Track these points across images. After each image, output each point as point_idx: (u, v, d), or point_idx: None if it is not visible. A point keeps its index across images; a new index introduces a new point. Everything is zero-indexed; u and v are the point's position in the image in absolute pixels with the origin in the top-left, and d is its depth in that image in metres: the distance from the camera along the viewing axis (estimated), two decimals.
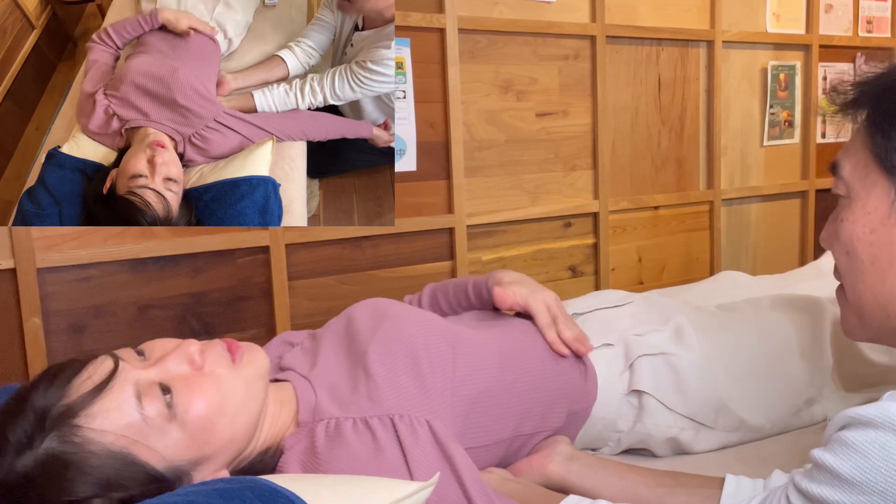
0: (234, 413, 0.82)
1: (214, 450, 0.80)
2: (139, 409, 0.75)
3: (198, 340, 0.85)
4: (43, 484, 0.71)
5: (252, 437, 0.86)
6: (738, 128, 2.23)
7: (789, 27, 2.29)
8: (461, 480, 0.85)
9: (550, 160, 1.89)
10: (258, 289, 1.54)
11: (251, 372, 0.86)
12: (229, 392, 0.82)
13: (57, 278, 1.36)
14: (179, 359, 0.81)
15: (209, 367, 0.82)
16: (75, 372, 0.77)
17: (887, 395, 0.65)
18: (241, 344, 0.88)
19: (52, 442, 0.71)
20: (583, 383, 1.09)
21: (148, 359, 0.82)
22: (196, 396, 0.79)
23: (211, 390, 0.80)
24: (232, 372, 0.83)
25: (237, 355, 0.85)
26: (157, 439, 0.76)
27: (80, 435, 0.72)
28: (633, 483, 0.95)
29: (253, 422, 0.85)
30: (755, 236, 2.30)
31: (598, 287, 1.99)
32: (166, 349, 0.83)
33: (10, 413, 0.74)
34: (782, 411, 1.16)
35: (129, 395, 0.76)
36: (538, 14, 1.83)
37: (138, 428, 0.75)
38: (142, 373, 0.78)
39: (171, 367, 0.80)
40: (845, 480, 0.63)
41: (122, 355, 0.81)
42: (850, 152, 0.80)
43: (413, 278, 1.71)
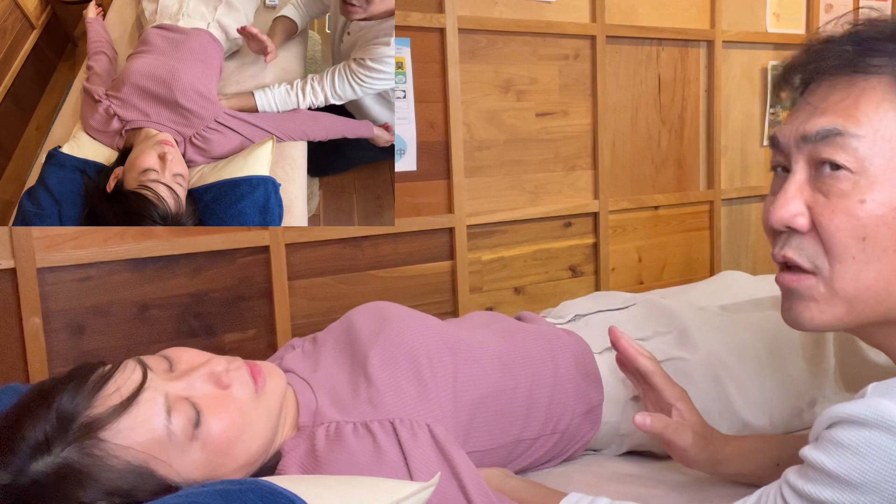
0: (252, 439, 0.82)
1: (227, 472, 0.80)
2: (167, 423, 0.75)
3: (222, 358, 0.84)
4: (54, 491, 0.70)
5: (262, 458, 0.86)
6: (738, 128, 2.23)
7: (789, 27, 2.29)
8: (462, 483, 0.85)
9: (550, 160, 1.89)
10: (258, 289, 1.54)
11: (272, 401, 0.86)
12: (251, 418, 0.82)
13: (57, 278, 1.35)
14: (206, 377, 0.81)
15: (234, 391, 0.82)
16: (104, 380, 0.75)
17: (871, 387, 0.64)
18: (263, 367, 0.87)
19: (72, 452, 0.70)
20: (587, 388, 1.09)
21: (174, 368, 0.81)
22: (220, 419, 0.78)
23: (235, 414, 0.80)
24: (255, 400, 0.83)
25: (259, 383, 0.85)
26: (178, 456, 0.75)
27: (103, 449, 0.71)
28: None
29: (267, 447, 0.85)
30: (755, 236, 2.30)
31: (598, 287, 1.99)
32: (192, 363, 0.82)
33: (31, 411, 0.72)
34: (785, 412, 1.16)
35: (159, 407, 0.75)
36: (538, 14, 1.83)
37: (161, 443, 0.74)
38: (170, 385, 0.78)
39: (198, 385, 0.80)
40: (843, 481, 0.63)
41: (150, 364, 0.80)
42: (861, 118, 0.68)
43: (413, 278, 1.71)
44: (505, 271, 1.84)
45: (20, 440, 0.70)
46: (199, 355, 0.84)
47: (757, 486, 0.77)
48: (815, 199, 0.70)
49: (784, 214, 0.71)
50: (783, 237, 0.73)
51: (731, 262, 2.24)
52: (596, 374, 1.10)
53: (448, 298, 1.76)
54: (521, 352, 1.06)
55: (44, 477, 0.69)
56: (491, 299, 1.83)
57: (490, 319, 1.16)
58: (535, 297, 1.89)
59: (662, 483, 1.04)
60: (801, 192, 0.71)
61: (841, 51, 0.71)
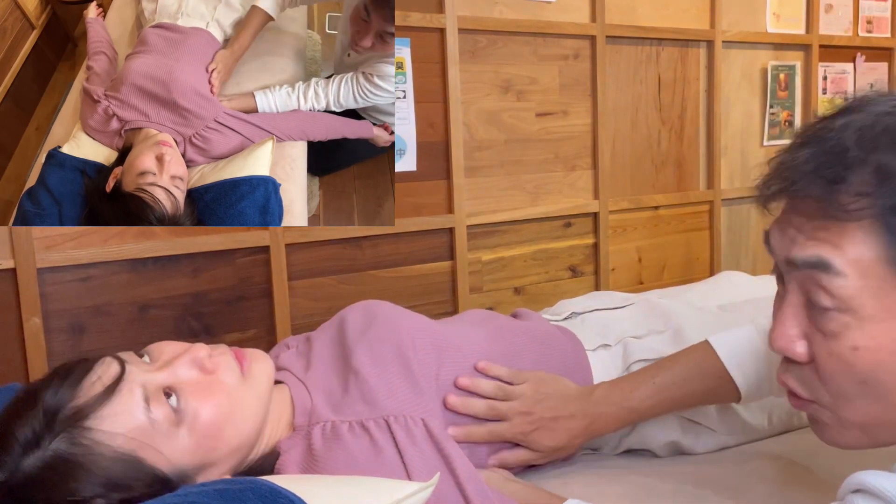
0: (242, 421, 0.82)
1: (220, 456, 0.80)
2: (147, 413, 0.75)
3: (204, 344, 0.85)
4: (49, 484, 0.70)
5: (256, 443, 0.86)
6: (738, 128, 2.23)
7: (789, 27, 2.29)
8: (458, 478, 0.85)
9: (550, 160, 1.89)
10: (258, 289, 1.54)
11: (260, 383, 0.86)
12: (238, 401, 0.82)
13: (57, 278, 1.36)
14: (189, 364, 0.81)
15: (220, 375, 0.82)
16: (84, 372, 0.76)
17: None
18: (248, 352, 0.88)
19: (60, 443, 0.71)
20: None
21: (153, 361, 0.82)
22: (206, 403, 0.79)
23: (221, 397, 0.80)
24: (242, 382, 0.83)
25: (245, 366, 0.85)
26: (165, 443, 0.76)
27: (90, 437, 0.72)
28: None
29: (258, 429, 0.85)
30: (755, 236, 2.30)
31: (598, 287, 1.99)
32: (175, 352, 0.83)
33: (19, 412, 0.74)
34: (784, 413, 1.16)
35: (137, 398, 0.76)
36: (538, 14, 1.83)
37: (146, 431, 0.75)
38: (149, 376, 0.78)
39: (181, 372, 0.80)
40: None
41: (130, 359, 0.81)
42: (845, 250, 0.61)
43: (413, 278, 1.71)
44: (505, 271, 1.84)
45: (12, 440, 0.71)
46: (181, 345, 0.85)
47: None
48: (812, 333, 0.65)
49: (782, 345, 0.67)
50: (784, 360, 0.69)
51: (731, 262, 2.24)
52: (587, 371, 1.10)
53: (448, 298, 1.76)
54: (508, 350, 1.07)
55: (37, 471, 0.70)
56: (491, 299, 1.83)
57: (484, 318, 1.17)
58: (535, 297, 1.89)
59: (662, 482, 1.04)
60: (798, 319, 0.66)
61: (814, 179, 0.62)
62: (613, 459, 1.13)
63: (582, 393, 1.02)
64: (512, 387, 1.01)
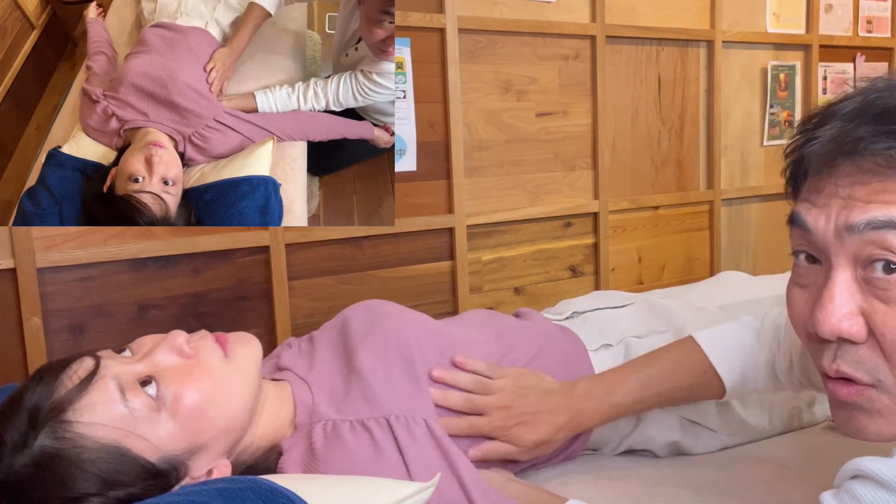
0: (228, 401, 0.82)
1: (209, 438, 0.80)
2: (123, 402, 0.76)
3: (182, 331, 0.85)
4: (41, 482, 0.71)
5: (249, 425, 0.86)
6: (738, 128, 2.23)
7: (789, 27, 2.29)
8: (461, 479, 0.85)
9: (550, 160, 1.89)
10: (258, 289, 1.54)
11: (244, 362, 0.86)
12: (221, 381, 0.82)
13: (57, 278, 1.36)
14: (167, 350, 0.82)
15: (201, 358, 0.82)
16: (61, 370, 0.77)
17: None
18: (231, 335, 0.88)
19: (44, 439, 0.72)
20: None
21: (134, 355, 0.82)
22: (186, 386, 0.79)
23: (202, 379, 0.80)
24: (225, 364, 0.84)
25: (228, 348, 0.85)
26: (149, 430, 0.76)
27: (72, 430, 0.73)
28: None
29: (247, 409, 0.85)
30: (755, 236, 2.30)
31: (598, 287, 1.99)
32: (154, 342, 0.83)
33: (5, 415, 0.74)
34: (784, 413, 1.16)
35: (111, 388, 0.76)
36: (538, 14, 1.83)
37: (127, 420, 0.75)
38: (124, 368, 0.79)
39: (160, 359, 0.81)
40: None
41: (107, 354, 0.81)
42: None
43: (413, 278, 1.71)
44: (505, 271, 1.84)
45: (1, 444, 0.72)
46: (159, 336, 0.85)
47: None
48: (871, 304, 0.61)
49: (838, 326, 0.61)
50: (832, 346, 0.64)
51: (731, 262, 2.24)
52: (589, 371, 1.10)
53: (448, 298, 1.76)
54: (510, 350, 1.07)
55: (28, 470, 0.71)
56: (491, 299, 1.83)
57: (486, 318, 1.16)
58: (535, 297, 1.89)
59: (662, 482, 1.04)
60: (851, 294, 0.61)
61: (878, 138, 0.59)
62: (613, 459, 1.13)
63: (564, 387, 1.02)
64: (491, 381, 1.00)
